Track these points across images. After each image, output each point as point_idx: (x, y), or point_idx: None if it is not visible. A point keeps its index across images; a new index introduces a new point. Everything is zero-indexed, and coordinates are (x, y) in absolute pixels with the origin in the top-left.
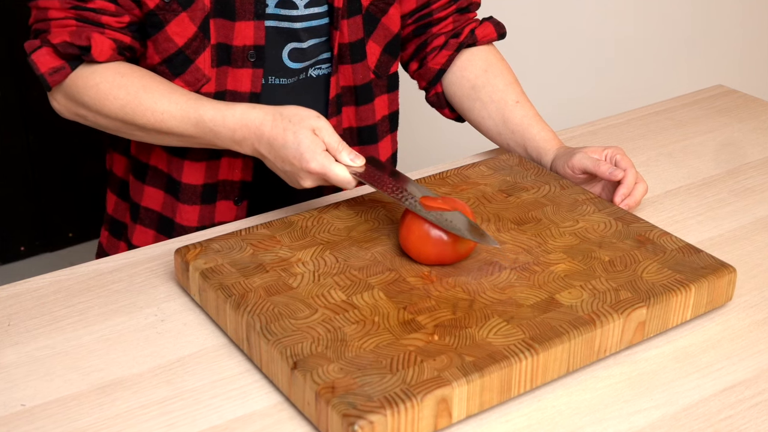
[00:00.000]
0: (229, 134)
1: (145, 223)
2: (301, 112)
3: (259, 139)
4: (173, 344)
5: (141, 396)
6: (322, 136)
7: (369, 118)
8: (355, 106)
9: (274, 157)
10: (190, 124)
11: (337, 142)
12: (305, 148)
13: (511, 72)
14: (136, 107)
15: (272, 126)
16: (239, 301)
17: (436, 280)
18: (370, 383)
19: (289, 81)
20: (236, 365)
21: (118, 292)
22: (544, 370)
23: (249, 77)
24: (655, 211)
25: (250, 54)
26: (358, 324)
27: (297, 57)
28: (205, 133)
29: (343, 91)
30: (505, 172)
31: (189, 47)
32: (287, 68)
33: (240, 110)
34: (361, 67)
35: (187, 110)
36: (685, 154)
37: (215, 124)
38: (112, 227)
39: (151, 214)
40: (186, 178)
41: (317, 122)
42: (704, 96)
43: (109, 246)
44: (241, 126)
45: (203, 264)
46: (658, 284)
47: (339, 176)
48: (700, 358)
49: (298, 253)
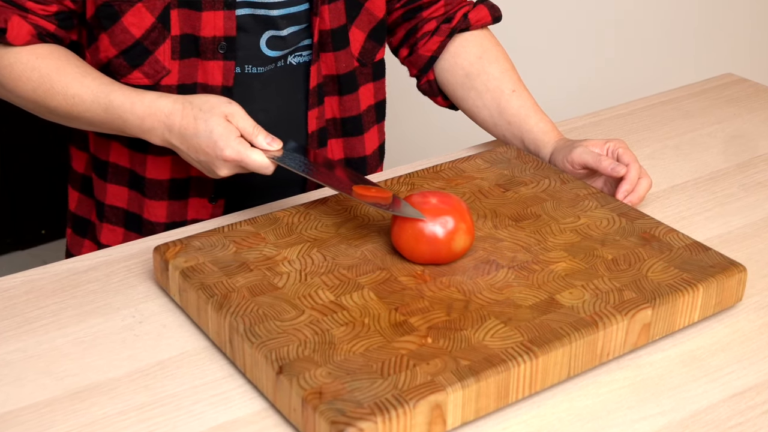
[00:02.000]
0: (138, 122)
1: (112, 221)
2: (212, 99)
3: (169, 129)
4: (152, 347)
5: (118, 402)
6: (236, 121)
7: (353, 108)
8: (339, 95)
9: (187, 148)
10: (100, 109)
11: (251, 127)
12: (218, 135)
13: (507, 58)
14: (48, 90)
15: (182, 115)
16: (222, 302)
17: (430, 279)
18: (359, 389)
19: (266, 69)
20: (218, 369)
21: (94, 292)
22: (544, 374)
23: (220, 70)
24: (661, 207)
25: (221, 46)
26: (348, 326)
27: (275, 45)
28: (113, 119)
29: (326, 81)
30: (502, 166)
31: (147, 38)
32: (265, 56)
33: (149, 98)
34: (344, 55)
35: (98, 95)
36: (693, 146)
37: (123, 110)
38: (75, 225)
39: (117, 212)
40: (150, 173)
41: (229, 108)
42: (713, 85)
43: (73, 244)
44: (150, 114)
45: (183, 262)
46: (663, 284)
47: (256, 161)
48: (708, 362)
49: (283, 251)
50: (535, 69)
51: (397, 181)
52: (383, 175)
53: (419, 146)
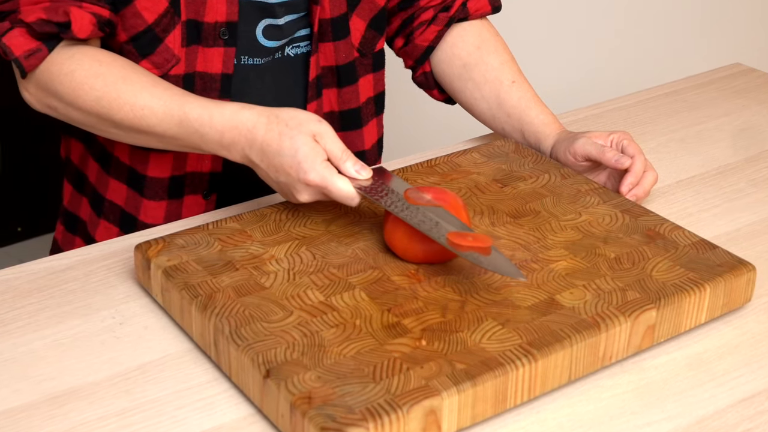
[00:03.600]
0: (217, 137)
1: (110, 219)
2: (300, 115)
3: (250, 144)
4: (133, 350)
5: (98, 407)
6: (324, 143)
7: (353, 101)
8: (337, 87)
9: (267, 166)
10: (173, 123)
11: (341, 151)
12: (303, 156)
13: (506, 49)
14: (113, 100)
15: (266, 129)
16: (206, 303)
17: (424, 279)
18: (350, 393)
19: (263, 61)
20: (203, 373)
21: (73, 292)
22: (543, 378)
23: (220, 57)
24: (666, 203)
25: (222, 31)
26: (338, 328)
27: (272, 34)
28: (189, 134)
29: (324, 72)
30: (500, 160)
31: (159, 24)
32: (261, 47)
33: (230, 109)
34: (344, 45)
35: (171, 106)
36: (699, 139)
37: (201, 124)
38: (67, 221)
39: (115, 210)
40: (152, 171)
41: (318, 127)
42: (720, 75)
43: (65, 242)
44: (231, 128)
45: (166, 261)
46: (669, 284)
47: (341, 190)
48: (715, 366)
49: (271, 249)
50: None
51: None
52: None
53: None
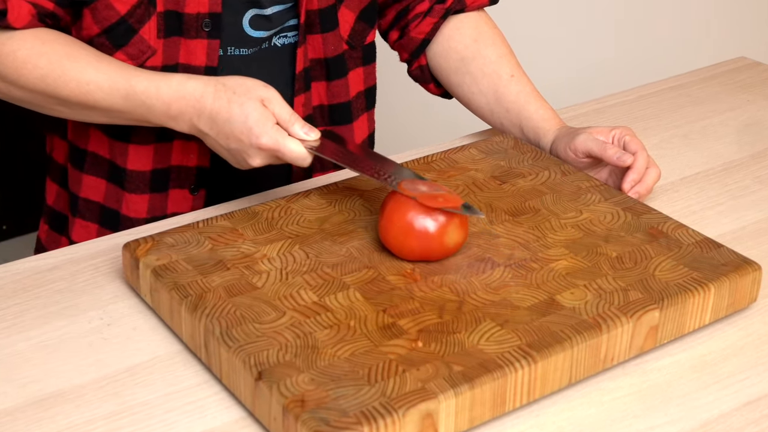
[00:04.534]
0: (164, 108)
1: (86, 217)
2: (247, 82)
3: (199, 113)
4: (121, 352)
5: (85, 410)
6: (272, 107)
7: (342, 95)
8: (326, 81)
9: (216, 134)
10: (119, 97)
11: (288, 114)
12: (254, 121)
13: (504, 42)
14: (59, 77)
15: (215, 98)
16: (196, 303)
17: (421, 278)
18: (345, 396)
19: (250, 51)
20: (193, 375)
21: (59, 292)
22: (543, 381)
23: (204, 49)
24: (670, 201)
25: (205, 23)
26: (332, 329)
27: (259, 25)
28: (136, 107)
29: (312, 65)
30: (498, 156)
31: (132, 15)
32: (248, 37)
33: (177, 80)
34: (333, 37)
35: (117, 80)
36: (704, 135)
37: (148, 96)
38: (52, 220)
39: (92, 206)
40: (132, 164)
41: (266, 92)
42: (725, 69)
43: (49, 241)
44: (178, 98)
45: (155, 260)
46: (672, 283)
47: (294, 151)
48: (720, 368)
49: (263, 248)
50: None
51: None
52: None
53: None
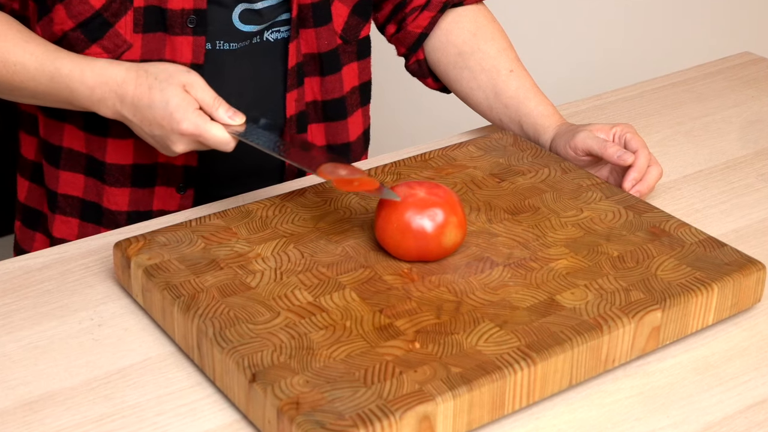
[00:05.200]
0: (87, 92)
1: (66, 212)
2: (169, 67)
3: (122, 99)
4: (112, 353)
5: (75, 413)
6: (194, 92)
7: (336, 90)
8: (320, 76)
9: (140, 120)
10: (45, 78)
11: (212, 98)
12: (175, 106)
13: (504, 36)
14: None
15: (136, 84)
16: (189, 303)
17: (418, 278)
18: (340, 398)
19: (239, 46)
20: (185, 377)
21: (48, 292)
22: (543, 383)
23: (189, 46)
24: (672, 199)
25: (190, 19)
26: (327, 330)
27: (250, 19)
28: (60, 90)
29: (306, 60)
30: (497, 153)
31: (107, 9)
32: (237, 31)
33: (100, 66)
34: (326, 31)
35: (43, 62)
36: (707, 132)
37: (72, 79)
38: (25, 216)
39: (71, 201)
40: (111, 158)
41: (187, 77)
42: (729, 65)
43: (23, 238)
44: (101, 83)
45: (147, 260)
46: (674, 283)
47: (216, 136)
48: (723, 369)
49: (257, 247)
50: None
51: (382, 170)
52: (366, 164)
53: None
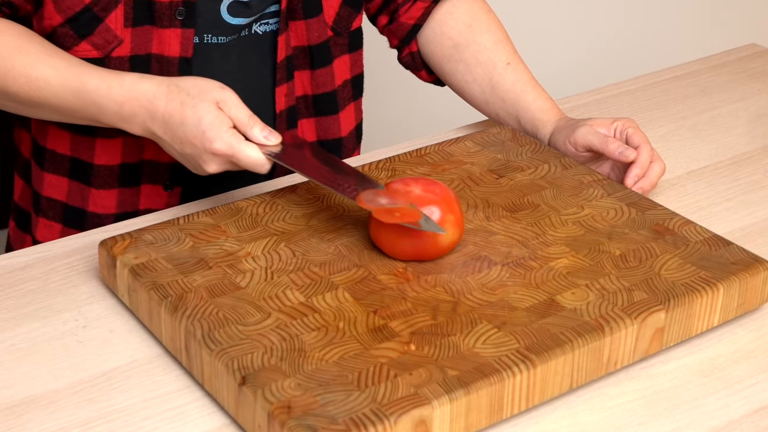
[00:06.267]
0: (115, 108)
1: (49, 216)
2: (201, 83)
3: (152, 116)
4: (97, 355)
5: (59, 417)
6: (228, 109)
7: (327, 84)
8: (310, 69)
9: (171, 138)
10: (69, 94)
11: (246, 117)
12: (207, 124)
13: (500, 27)
14: (8, 71)
15: (167, 100)
16: (176, 304)
17: (413, 278)
18: (333, 402)
19: (228, 39)
20: (173, 380)
21: (32, 292)
22: (543, 386)
23: (178, 39)
24: (676, 196)
25: (179, 11)
26: (320, 331)
27: (238, 11)
28: (87, 106)
29: (296, 53)
30: (495, 149)
31: (97, 3)
32: (226, 24)
33: (129, 80)
34: (317, 23)
35: (68, 77)
36: (712, 126)
37: (99, 95)
38: (18, 217)
39: (54, 205)
40: (99, 159)
41: (221, 94)
42: (734, 57)
43: (16, 239)
44: (130, 99)
45: (133, 259)
46: (679, 283)
47: (250, 158)
48: (729, 372)
49: (247, 245)
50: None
51: (376, 167)
52: (360, 160)
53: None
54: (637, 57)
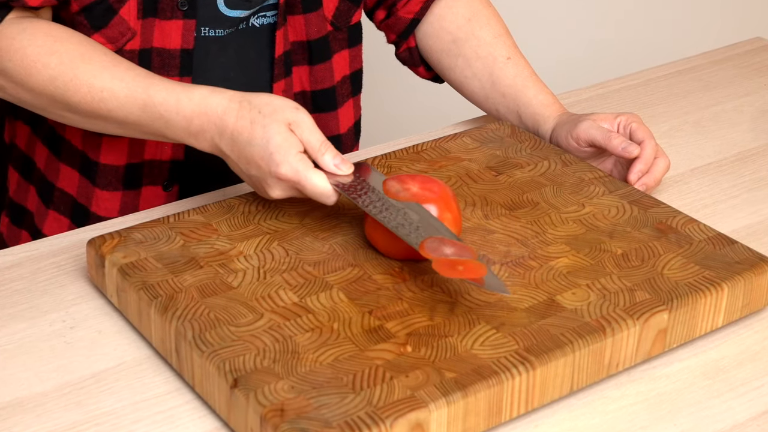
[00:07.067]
0: (184, 124)
1: (60, 209)
2: (275, 101)
3: (221, 132)
4: (85, 357)
5: (46, 420)
6: (300, 132)
7: (326, 80)
8: (309, 65)
9: (237, 157)
10: (135, 107)
11: (319, 142)
12: (276, 146)
13: (500, 21)
14: (70, 81)
15: (238, 117)
16: (167, 304)
17: (409, 278)
18: (327, 405)
19: (225, 32)
20: (163, 383)
21: (18, 292)
22: (542, 388)
23: (179, 30)
24: (680, 193)
25: (181, 2)
26: (314, 332)
27: (236, 4)
28: (153, 120)
29: (294, 48)
30: (494, 145)
31: None
32: (223, 17)
33: (199, 94)
34: (316, 18)
35: (134, 89)
36: (717, 122)
37: (167, 109)
38: (13, 213)
39: (66, 199)
40: (105, 157)
41: (295, 115)
42: (739, 51)
43: (10, 236)
44: (200, 114)
45: (122, 258)
46: (682, 283)
47: (317, 187)
48: (734, 374)
49: (239, 244)
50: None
51: (372, 163)
52: (356, 156)
53: (396, 123)
54: (640, 51)
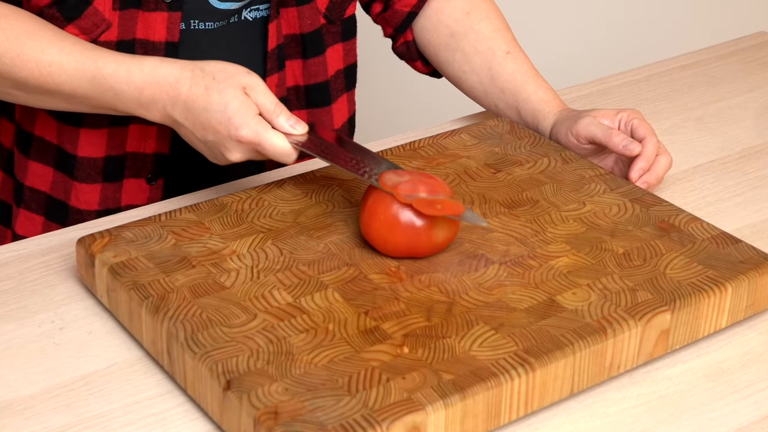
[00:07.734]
0: (135, 94)
1: (32, 208)
2: (228, 67)
3: (173, 101)
4: (75, 358)
5: (34, 423)
6: (255, 96)
7: (320, 74)
8: (302, 59)
9: (192, 124)
10: (84, 80)
11: (273, 104)
12: (233, 110)
13: (500, 15)
14: (16, 57)
15: (191, 84)
16: (158, 305)
17: (406, 277)
18: (322, 407)
19: (216, 25)
20: (154, 385)
21: (6, 292)
22: (542, 391)
23: (164, 23)
24: (682, 191)
25: None
26: (308, 333)
27: None
28: (103, 92)
29: (287, 41)
30: (493, 142)
31: None
32: (214, 10)
33: (150, 64)
34: (309, 10)
35: (83, 62)
36: (720, 119)
37: (116, 80)
38: None
39: (38, 196)
40: (83, 150)
41: (248, 79)
42: (743, 46)
43: None
44: (151, 83)
45: (113, 257)
46: (685, 283)
47: (277, 146)
48: (738, 376)
49: (232, 243)
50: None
51: None
52: None
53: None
54: (642, 46)
